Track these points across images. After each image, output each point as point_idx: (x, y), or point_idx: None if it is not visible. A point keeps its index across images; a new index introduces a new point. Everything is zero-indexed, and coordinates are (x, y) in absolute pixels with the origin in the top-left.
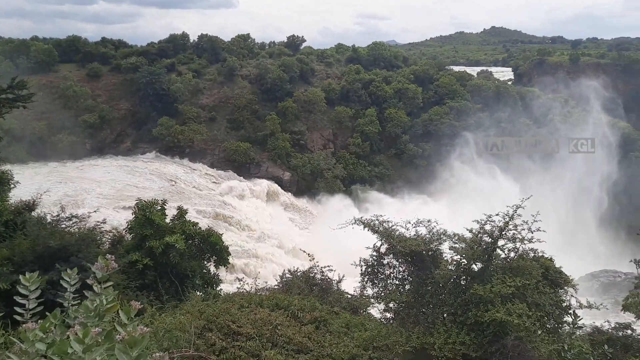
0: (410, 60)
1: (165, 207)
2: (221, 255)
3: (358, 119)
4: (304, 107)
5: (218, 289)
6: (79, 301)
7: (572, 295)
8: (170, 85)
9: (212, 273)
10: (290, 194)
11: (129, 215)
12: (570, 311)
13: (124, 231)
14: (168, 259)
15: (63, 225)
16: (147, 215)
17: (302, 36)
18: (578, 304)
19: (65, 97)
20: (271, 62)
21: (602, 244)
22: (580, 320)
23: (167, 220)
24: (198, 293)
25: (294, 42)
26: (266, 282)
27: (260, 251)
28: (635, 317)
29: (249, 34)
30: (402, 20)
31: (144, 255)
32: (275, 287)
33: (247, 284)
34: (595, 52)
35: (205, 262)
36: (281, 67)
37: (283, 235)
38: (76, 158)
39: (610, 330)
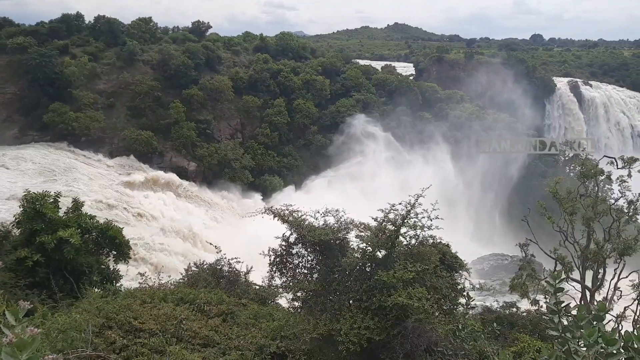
0: (318, 52)
1: (59, 199)
2: (121, 249)
3: (267, 109)
4: (210, 95)
5: (118, 285)
6: None
7: (466, 278)
8: (64, 68)
9: (112, 268)
10: (196, 184)
11: (16, 209)
12: (464, 293)
13: (10, 226)
14: (62, 254)
15: None
16: (37, 209)
17: (208, 22)
18: (471, 286)
19: None
20: (175, 48)
21: (502, 230)
22: (472, 301)
23: (61, 214)
24: (96, 290)
25: (199, 28)
26: (170, 276)
27: (164, 244)
28: (520, 296)
29: (151, 17)
30: (309, 11)
31: (34, 251)
32: (181, 280)
33: (150, 278)
34: (488, 51)
35: (104, 257)
36: (186, 54)
37: (188, 227)
38: None
39: (498, 309)
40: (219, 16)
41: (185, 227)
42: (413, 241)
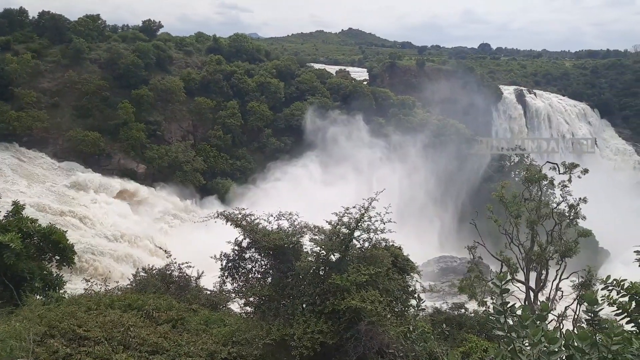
0: (273, 54)
1: None
2: (65, 254)
3: (219, 110)
4: (161, 96)
5: (62, 291)
6: None
7: (417, 281)
8: (5, 65)
9: (55, 274)
10: (145, 187)
11: None
12: (415, 295)
13: None
14: (1, 260)
15: None
16: None
17: (159, 21)
18: (422, 288)
19: None
20: (124, 47)
21: (453, 232)
22: (423, 302)
23: (0, 217)
24: (38, 297)
25: (150, 27)
26: (117, 282)
27: (111, 250)
28: (468, 298)
29: (99, 14)
30: (264, 13)
31: None
32: (128, 286)
33: (97, 284)
34: (438, 58)
35: (47, 263)
36: (136, 53)
37: (137, 231)
38: None
39: (447, 310)
40: (171, 15)
41: (133, 231)
42: (366, 244)
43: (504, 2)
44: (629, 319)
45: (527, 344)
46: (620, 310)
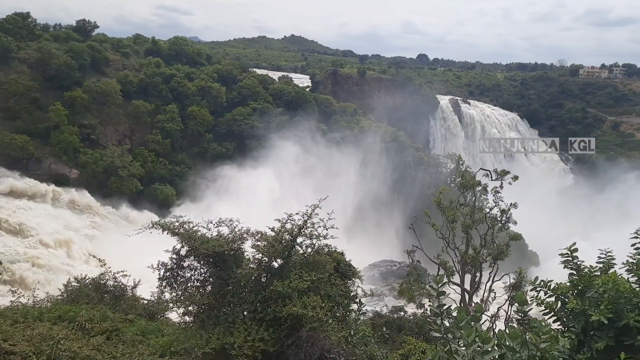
0: (214, 58)
1: None
2: None
3: (158, 114)
4: (96, 98)
5: None
6: None
7: (358, 286)
8: None
9: None
10: (78, 193)
11: None
12: (357, 300)
13: None
14: None
15: None
16: None
17: (95, 22)
18: (363, 293)
19: None
20: (56, 47)
21: (403, 237)
22: (364, 307)
23: None
24: None
25: (84, 27)
26: (47, 293)
27: (40, 258)
28: (407, 301)
29: (29, 12)
30: (205, 17)
31: None
32: (59, 297)
33: (24, 296)
34: (378, 67)
35: None
36: (69, 53)
37: (69, 239)
38: None
39: (387, 314)
40: (107, 16)
41: (66, 240)
42: (309, 250)
43: (441, 15)
44: (555, 317)
45: (462, 345)
46: (547, 310)
